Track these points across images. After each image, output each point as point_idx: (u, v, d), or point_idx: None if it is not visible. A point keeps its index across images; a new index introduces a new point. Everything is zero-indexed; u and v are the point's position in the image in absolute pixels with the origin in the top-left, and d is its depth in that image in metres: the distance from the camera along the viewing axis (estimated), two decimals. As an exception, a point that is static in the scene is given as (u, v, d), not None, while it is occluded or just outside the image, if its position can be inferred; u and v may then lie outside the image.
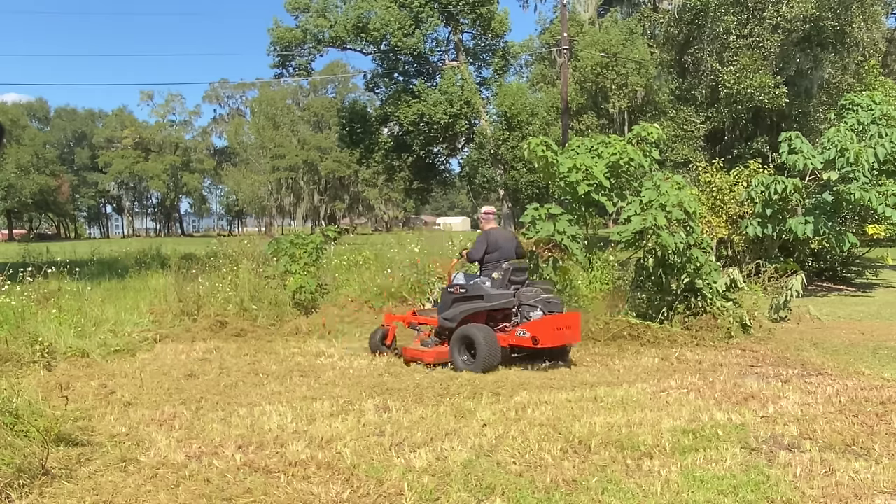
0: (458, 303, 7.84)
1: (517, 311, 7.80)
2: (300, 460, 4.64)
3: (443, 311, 7.99)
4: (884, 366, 7.78)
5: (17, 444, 4.47)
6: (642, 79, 27.72)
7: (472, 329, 7.53)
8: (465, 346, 7.52)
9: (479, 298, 7.77)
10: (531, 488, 4.17)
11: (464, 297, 7.85)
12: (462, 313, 7.73)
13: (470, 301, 7.79)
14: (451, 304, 7.90)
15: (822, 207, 14.95)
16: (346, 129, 34.64)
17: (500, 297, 7.74)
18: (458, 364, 7.46)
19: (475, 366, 7.32)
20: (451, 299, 7.92)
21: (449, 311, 7.87)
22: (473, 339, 7.43)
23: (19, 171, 77.97)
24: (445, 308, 7.96)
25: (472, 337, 7.44)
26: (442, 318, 7.92)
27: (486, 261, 8.06)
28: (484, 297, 7.75)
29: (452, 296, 7.93)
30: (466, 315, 7.72)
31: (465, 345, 7.52)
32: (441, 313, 8.01)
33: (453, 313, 7.79)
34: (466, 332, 7.52)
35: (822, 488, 4.14)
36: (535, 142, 10.74)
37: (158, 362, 8.11)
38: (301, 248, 11.26)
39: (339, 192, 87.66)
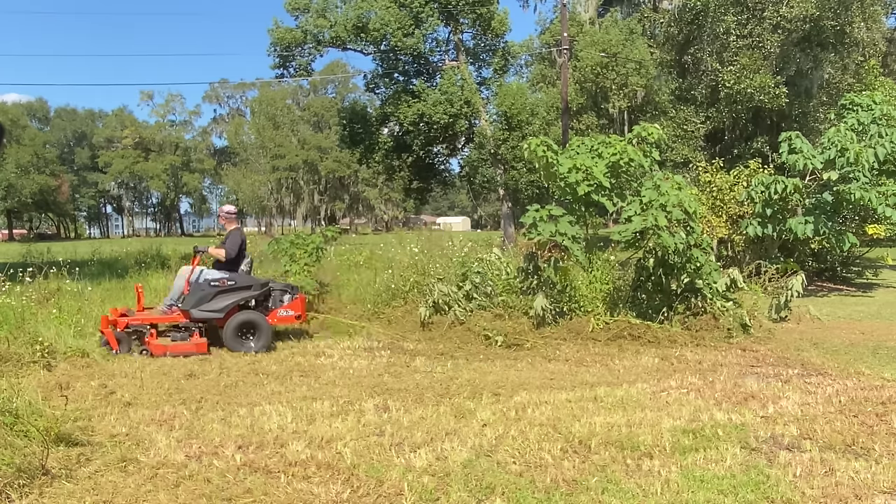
0: (223, 294, 8.72)
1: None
2: (300, 460, 4.64)
3: (201, 305, 8.64)
4: (884, 366, 7.78)
5: (17, 444, 4.47)
6: (642, 79, 27.71)
7: (249, 315, 8.71)
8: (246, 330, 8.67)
9: (248, 288, 8.86)
10: (531, 488, 4.17)
11: (232, 288, 8.76)
12: (232, 303, 8.70)
13: (238, 291, 8.79)
14: (213, 296, 8.66)
15: (822, 207, 14.95)
16: (346, 129, 34.60)
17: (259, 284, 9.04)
18: (240, 347, 8.56)
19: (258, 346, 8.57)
20: (214, 291, 8.68)
21: (211, 302, 8.64)
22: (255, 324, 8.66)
23: (19, 171, 77.97)
24: (205, 301, 8.63)
25: (254, 322, 8.67)
26: (201, 311, 8.61)
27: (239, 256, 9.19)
28: (253, 286, 8.92)
29: (217, 288, 8.71)
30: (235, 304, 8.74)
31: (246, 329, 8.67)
32: (198, 307, 8.63)
33: (220, 304, 8.64)
34: (245, 319, 8.66)
35: (822, 488, 4.14)
36: (535, 142, 10.73)
37: (158, 362, 8.10)
38: (301, 249, 11.26)
39: (339, 192, 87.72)
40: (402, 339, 9.54)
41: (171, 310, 8.84)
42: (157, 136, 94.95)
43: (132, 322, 8.71)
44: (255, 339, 8.66)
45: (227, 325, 8.64)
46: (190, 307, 8.65)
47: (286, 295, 9.20)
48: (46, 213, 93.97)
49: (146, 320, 8.77)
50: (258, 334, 8.66)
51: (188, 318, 8.68)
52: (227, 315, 8.65)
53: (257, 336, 8.66)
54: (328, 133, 78.47)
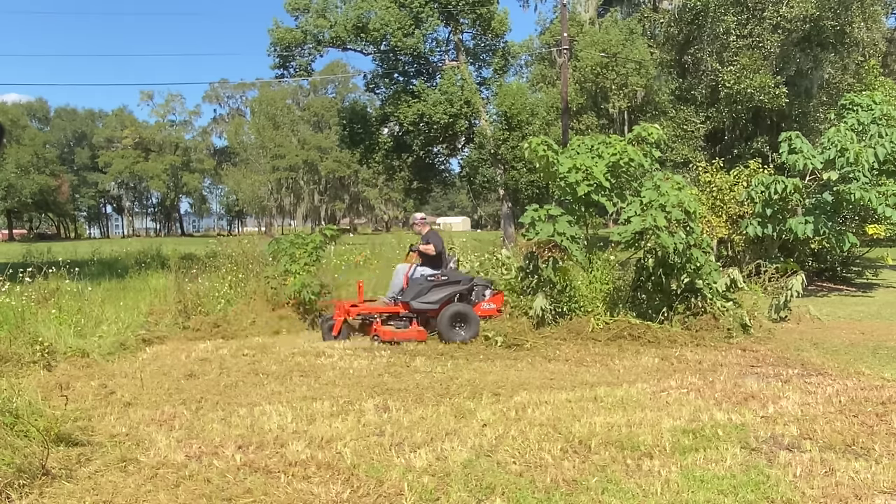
0: (437, 288, 9.52)
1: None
2: (300, 460, 4.64)
3: (419, 297, 9.46)
4: (884, 366, 7.77)
5: (17, 444, 4.47)
6: (642, 79, 27.70)
7: (460, 307, 9.40)
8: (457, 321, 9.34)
9: (458, 283, 9.66)
10: (531, 488, 4.17)
11: (444, 282, 9.57)
12: (445, 296, 9.45)
13: (450, 286, 9.56)
14: (429, 289, 9.47)
15: (822, 207, 14.94)
16: (346, 129, 34.61)
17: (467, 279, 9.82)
18: (453, 336, 9.21)
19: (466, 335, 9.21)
20: (430, 286, 9.52)
21: (428, 295, 9.45)
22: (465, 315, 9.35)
23: (19, 171, 77.98)
24: (422, 294, 9.45)
25: (464, 313, 9.36)
26: (420, 302, 9.43)
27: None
28: (462, 281, 9.71)
29: (433, 283, 9.55)
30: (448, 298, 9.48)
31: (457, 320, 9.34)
32: (416, 299, 9.45)
33: (435, 296, 9.43)
34: (457, 310, 9.35)
35: (822, 488, 4.14)
36: (536, 141, 10.73)
37: (158, 362, 8.11)
38: (301, 248, 11.25)
39: (339, 192, 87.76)
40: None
41: (394, 302, 9.69)
42: (157, 136, 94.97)
43: (362, 312, 9.68)
44: (466, 328, 9.29)
45: (441, 315, 9.33)
46: (409, 299, 9.47)
47: (487, 290, 9.91)
48: (46, 213, 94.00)
49: (375, 310, 9.66)
50: (468, 324, 9.31)
51: (408, 309, 9.51)
52: (441, 306, 9.40)
53: (467, 326, 9.30)
54: (328, 133, 78.47)
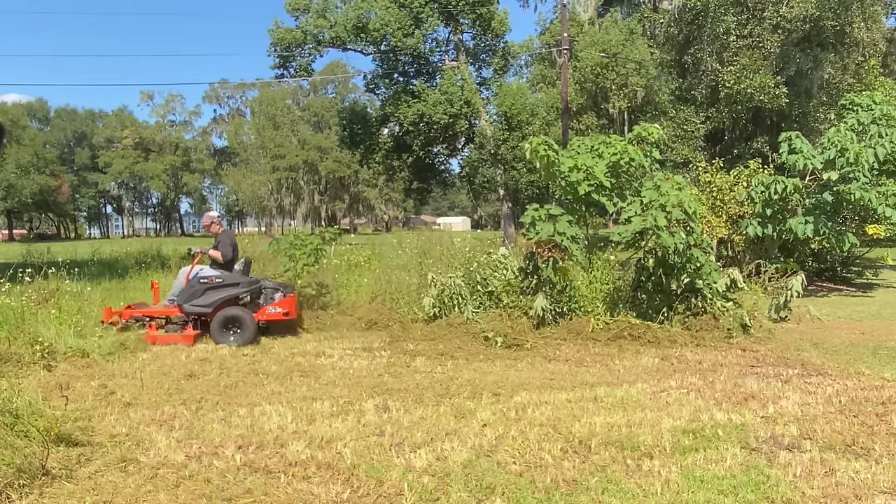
0: (211, 291, 9.42)
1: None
2: (300, 460, 4.64)
3: (194, 299, 9.41)
4: (884, 366, 7.78)
5: (17, 444, 4.47)
6: (642, 79, 27.70)
7: (235, 311, 9.29)
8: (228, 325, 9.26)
9: (236, 285, 9.52)
10: (531, 488, 4.17)
11: (219, 285, 9.46)
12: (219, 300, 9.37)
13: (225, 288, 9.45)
14: (202, 292, 9.40)
15: (822, 207, 14.95)
16: (347, 129, 34.63)
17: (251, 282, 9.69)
18: (224, 340, 9.12)
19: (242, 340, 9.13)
20: (203, 288, 9.42)
21: (201, 298, 9.38)
22: (239, 319, 9.25)
23: (19, 171, 77.95)
24: (196, 297, 9.40)
25: (238, 317, 9.26)
26: (192, 305, 9.38)
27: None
28: (240, 283, 9.56)
29: (205, 285, 9.43)
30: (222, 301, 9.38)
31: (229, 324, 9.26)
32: (190, 301, 9.41)
33: (208, 300, 9.36)
34: (231, 314, 9.26)
35: (822, 488, 4.14)
36: (536, 141, 10.73)
37: (158, 362, 8.11)
38: (300, 249, 11.26)
39: (340, 193, 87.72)
40: (402, 340, 9.54)
41: (172, 304, 9.73)
42: (157, 137, 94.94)
43: (136, 314, 9.70)
44: (239, 333, 9.25)
45: (214, 319, 9.32)
46: (182, 301, 9.51)
47: (278, 293, 9.79)
48: (46, 214, 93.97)
49: (149, 313, 9.73)
50: (242, 329, 9.25)
51: (181, 312, 9.51)
52: (214, 310, 9.37)
53: (241, 330, 9.25)
54: (328, 133, 78.44)
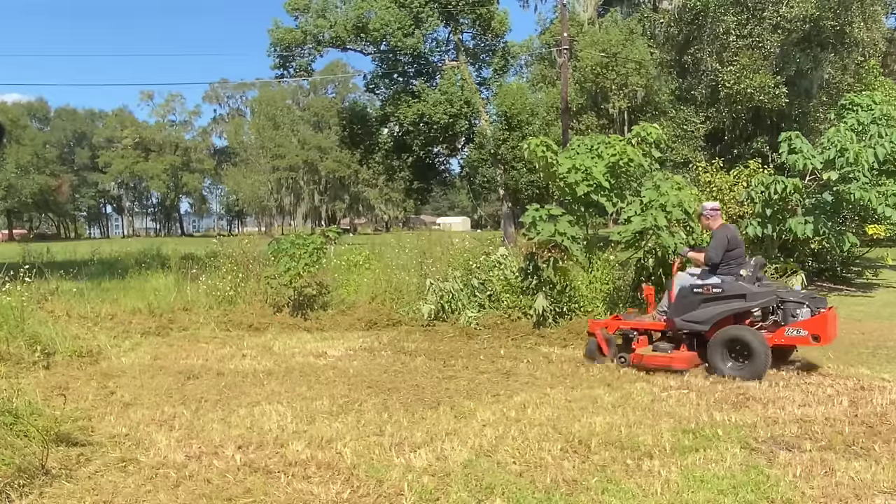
0: (708, 303, 7.28)
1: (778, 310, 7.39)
2: (300, 460, 4.64)
3: (685, 313, 7.40)
4: (884, 366, 7.78)
5: (17, 444, 4.48)
6: (642, 79, 27.67)
7: (741, 331, 7.10)
8: (731, 350, 7.10)
9: (740, 298, 7.21)
10: (531, 488, 4.17)
11: (718, 296, 7.25)
12: (718, 315, 7.23)
13: (727, 301, 7.23)
14: (698, 304, 7.34)
15: (822, 207, 14.94)
16: (346, 129, 34.63)
17: (762, 294, 7.26)
18: (723, 370, 7.03)
19: (747, 371, 6.92)
20: (698, 300, 7.34)
21: (697, 312, 7.32)
22: (746, 342, 7.01)
23: (19, 171, 77.95)
24: (689, 309, 7.37)
25: (744, 339, 7.02)
26: (685, 321, 7.38)
27: (726, 259, 7.48)
28: (747, 296, 7.19)
29: (701, 296, 7.33)
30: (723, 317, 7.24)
31: (731, 349, 7.10)
32: (681, 315, 7.42)
33: (706, 315, 7.25)
34: (734, 335, 7.08)
35: (822, 488, 4.14)
36: (535, 142, 10.73)
37: (158, 362, 8.11)
38: (301, 249, 11.26)
39: (340, 192, 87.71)
40: (402, 340, 9.54)
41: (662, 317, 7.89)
42: (157, 136, 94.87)
43: (622, 326, 8.04)
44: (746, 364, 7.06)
45: (712, 339, 7.28)
46: (675, 315, 7.55)
47: (803, 308, 7.31)
48: (46, 213, 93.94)
49: (634, 325, 7.99)
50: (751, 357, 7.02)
51: (671, 327, 7.68)
52: (713, 328, 7.29)
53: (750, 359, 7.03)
54: (328, 133, 78.41)
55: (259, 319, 10.71)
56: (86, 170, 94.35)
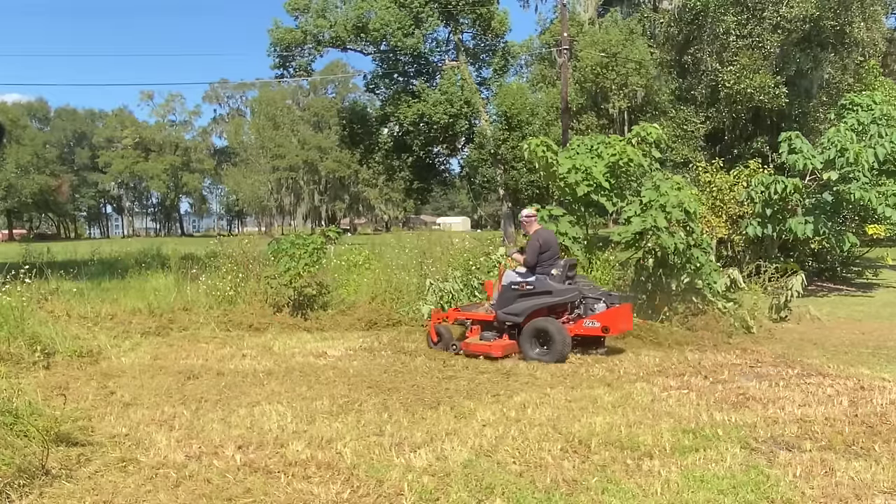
0: (522, 298, 8.35)
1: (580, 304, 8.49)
2: (300, 460, 4.64)
3: (505, 307, 8.42)
4: (884, 366, 7.78)
5: (17, 444, 4.47)
6: (642, 79, 27.66)
7: (544, 322, 8.15)
8: (538, 338, 8.15)
9: (548, 294, 8.30)
10: (531, 488, 4.17)
11: (531, 292, 8.33)
12: (530, 308, 8.27)
13: (537, 296, 8.31)
14: (514, 299, 8.37)
15: (822, 207, 14.95)
16: (346, 129, 34.64)
17: (566, 291, 8.38)
18: (531, 355, 8.06)
19: (550, 356, 7.98)
20: (515, 295, 8.38)
21: (514, 305, 8.35)
22: (548, 331, 8.08)
23: (19, 171, 77.93)
24: (509, 303, 8.39)
25: (546, 329, 8.09)
26: (505, 313, 8.40)
27: (540, 260, 8.54)
28: (553, 292, 8.30)
29: (517, 292, 8.37)
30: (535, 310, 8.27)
31: (537, 337, 8.15)
32: (502, 308, 8.43)
33: (521, 308, 8.30)
34: (539, 326, 8.15)
35: (822, 488, 4.14)
36: (535, 142, 10.74)
37: (158, 362, 8.11)
38: (301, 249, 11.26)
39: (340, 192, 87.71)
40: (402, 340, 9.54)
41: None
42: (157, 136, 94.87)
43: (459, 316, 9.00)
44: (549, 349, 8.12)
45: (524, 329, 8.33)
46: (498, 308, 8.54)
47: (600, 303, 8.48)
48: (46, 213, 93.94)
49: (470, 316, 8.94)
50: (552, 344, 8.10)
51: (496, 319, 8.60)
52: (525, 320, 8.31)
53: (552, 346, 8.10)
54: (328, 133, 78.42)
55: (259, 319, 10.71)
56: (86, 170, 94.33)
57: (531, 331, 8.19)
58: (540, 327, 8.16)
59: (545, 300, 8.30)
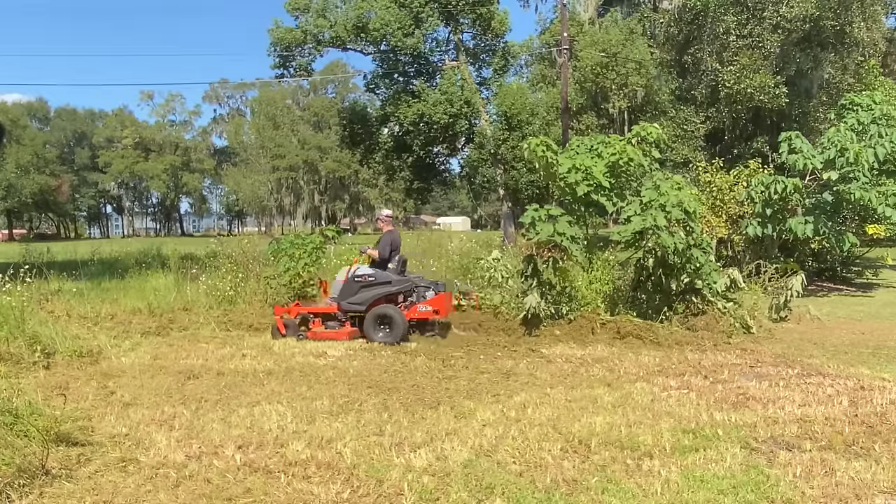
0: (364, 289, 9.58)
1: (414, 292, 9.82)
2: (300, 460, 4.64)
3: (347, 297, 9.58)
4: (884, 366, 7.78)
5: (17, 444, 4.47)
6: (642, 79, 27.65)
7: (385, 308, 9.38)
8: (380, 322, 9.37)
9: (388, 284, 9.60)
10: (531, 488, 4.17)
11: (372, 283, 9.59)
12: (372, 297, 9.51)
13: (379, 286, 9.58)
14: (357, 290, 9.56)
15: (822, 207, 14.95)
16: (347, 129, 34.61)
17: (403, 281, 9.74)
18: (375, 338, 9.25)
19: (392, 337, 9.21)
20: (358, 286, 9.58)
21: (357, 296, 9.54)
22: (390, 316, 9.33)
23: (19, 171, 77.91)
24: (352, 294, 9.56)
25: (388, 314, 9.34)
26: (348, 303, 9.57)
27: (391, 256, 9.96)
28: (392, 282, 9.63)
29: (360, 283, 9.59)
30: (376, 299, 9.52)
31: (380, 322, 9.37)
32: (346, 299, 9.59)
33: (363, 298, 9.51)
34: (381, 312, 9.37)
35: (822, 488, 4.15)
36: (535, 142, 10.73)
37: (158, 362, 8.11)
38: (301, 249, 11.26)
39: (340, 192, 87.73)
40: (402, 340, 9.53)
41: (333, 302, 9.88)
42: (157, 136, 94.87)
43: (301, 311, 9.97)
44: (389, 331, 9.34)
45: (367, 316, 9.47)
46: (340, 300, 9.67)
47: (429, 291, 9.82)
48: (46, 213, 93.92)
49: (311, 310, 9.97)
50: (392, 327, 9.33)
51: (339, 310, 9.70)
52: (368, 307, 9.50)
53: (391, 328, 9.34)
54: (328, 133, 78.43)
55: (259, 319, 10.70)
56: (86, 170, 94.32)
57: (374, 316, 9.33)
58: (381, 313, 9.32)
59: (385, 290, 9.53)
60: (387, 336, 9.22)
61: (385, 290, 9.53)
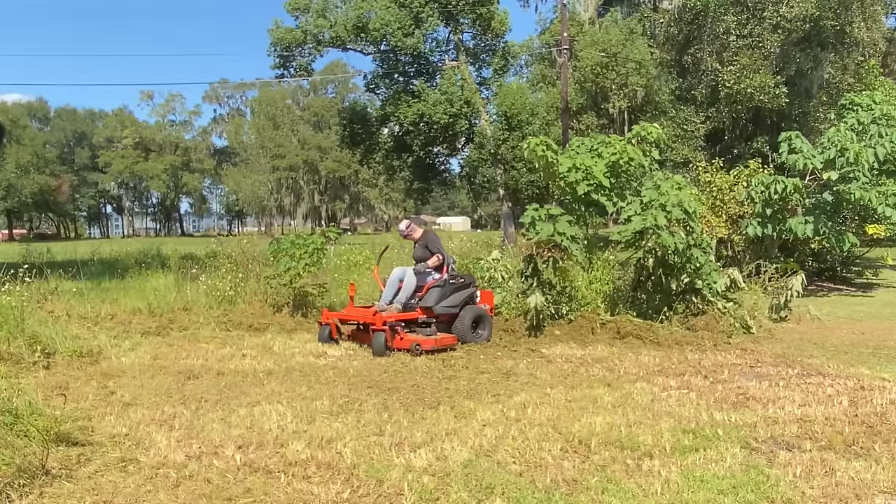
0: (457, 291, 9.31)
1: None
2: (300, 460, 4.64)
3: (441, 301, 9.15)
4: (884, 366, 7.78)
5: (17, 444, 4.47)
6: (642, 79, 27.67)
7: (477, 309, 9.30)
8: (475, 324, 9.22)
9: (473, 284, 9.58)
10: (531, 488, 4.17)
11: (462, 285, 9.39)
12: (464, 299, 9.31)
13: (468, 287, 9.43)
14: (451, 292, 9.22)
15: (822, 207, 14.96)
16: (347, 129, 34.63)
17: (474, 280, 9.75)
18: (471, 338, 9.06)
19: (484, 337, 9.19)
20: (451, 289, 9.25)
21: (449, 298, 9.19)
22: (481, 316, 9.29)
23: (19, 171, 77.95)
24: (444, 297, 9.16)
25: (480, 315, 9.29)
26: (443, 307, 9.14)
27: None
28: (475, 282, 9.67)
29: (453, 286, 9.28)
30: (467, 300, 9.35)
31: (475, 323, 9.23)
32: (440, 303, 9.14)
33: (456, 299, 9.23)
34: (475, 312, 9.24)
35: (822, 488, 4.14)
36: (535, 142, 10.73)
37: (158, 362, 8.10)
38: (301, 249, 11.25)
39: (340, 192, 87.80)
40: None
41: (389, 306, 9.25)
42: (157, 136, 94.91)
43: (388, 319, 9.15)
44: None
45: (461, 317, 9.23)
46: (432, 304, 9.19)
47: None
48: (46, 213, 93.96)
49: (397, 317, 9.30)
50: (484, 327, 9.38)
51: (430, 315, 9.21)
52: (460, 309, 9.29)
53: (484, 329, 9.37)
54: (328, 133, 78.45)
55: (259, 319, 10.70)
56: (86, 170, 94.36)
57: (469, 317, 9.18)
58: (475, 314, 9.27)
59: (473, 290, 9.50)
60: (479, 336, 9.17)
61: (473, 291, 9.50)
